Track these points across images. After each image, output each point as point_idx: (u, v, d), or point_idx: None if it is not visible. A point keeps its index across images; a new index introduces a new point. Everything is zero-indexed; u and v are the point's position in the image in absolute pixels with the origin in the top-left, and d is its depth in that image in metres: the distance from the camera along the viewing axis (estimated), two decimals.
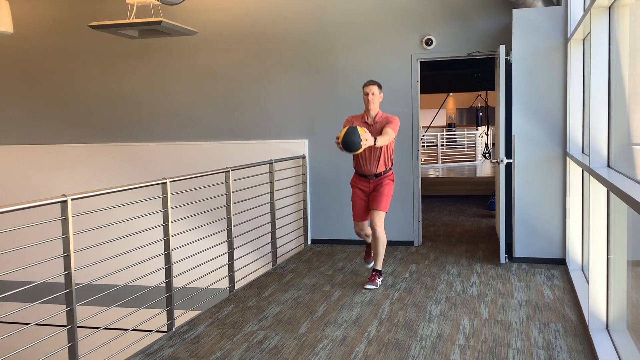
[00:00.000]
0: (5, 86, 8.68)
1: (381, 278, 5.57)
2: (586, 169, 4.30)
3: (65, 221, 3.44)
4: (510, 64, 6.16)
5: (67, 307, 3.48)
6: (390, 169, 5.50)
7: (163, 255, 4.56)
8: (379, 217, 5.34)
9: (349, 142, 4.90)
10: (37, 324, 3.59)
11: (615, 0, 3.75)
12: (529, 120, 6.11)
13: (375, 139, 5.02)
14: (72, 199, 3.47)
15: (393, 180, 5.53)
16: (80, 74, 8.38)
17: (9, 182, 8.54)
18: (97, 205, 4.37)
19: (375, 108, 5.39)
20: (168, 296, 4.56)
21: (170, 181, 4.54)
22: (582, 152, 5.66)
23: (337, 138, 4.98)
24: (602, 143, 4.06)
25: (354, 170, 5.61)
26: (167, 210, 4.51)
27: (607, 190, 3.79)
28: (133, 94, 8.19)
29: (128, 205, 4.51)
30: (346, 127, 4.99)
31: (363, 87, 5.42)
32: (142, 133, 8.17)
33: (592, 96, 4.12)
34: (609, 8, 3.92)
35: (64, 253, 3.48)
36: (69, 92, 8.45)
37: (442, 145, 20.52)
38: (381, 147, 5.31)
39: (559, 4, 6.19)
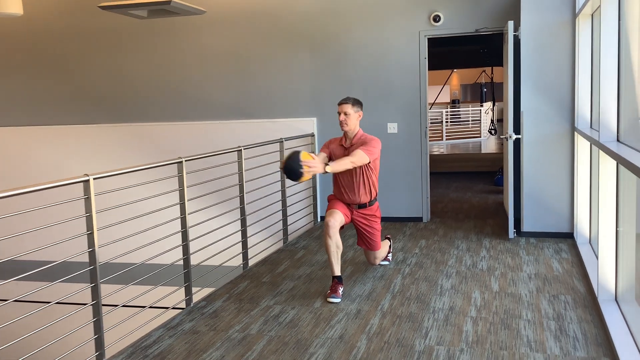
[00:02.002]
0: (16, 67, 8.73)
1: (391, 253, 5.59)
2: (595, 143, 4.37)
3: (88, 200, 3.54)
4: (519, 40, 6.19)
5: (91, 284, 3.59)
6: (375, 199, 4.94)
7: (180, 233, 4.64)
8: (377, 257, 5.12)
9: (287, 170, 4.22)
10: (58, 302, 3.67)
11: None
12: (537, 96, 6.15)
13: (326, 164, 4.41)
14: (94, 179, 3.56)
15: (380, 217, 5.02)
16: (89, 54, 8.42)
17: (20, 163, 8.63)
18: (112, 185, 4.44)
19: (352, 129, 4.77)
20: (186, 272, 4.67)
21: (185, 160, 4.62)
22: (591, 127, 5.71)
23: (281, 163, 4.35)
24: (611, 118, 4.12)
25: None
26: (183, 189, 4.60)
27: (617, 164, 3.85)
28: (142, 74, 8.24)
29: (142, 185, 4.60)
30: (289, 153, 4.30)
31: (338, 106, 4.82)
32: (152, 113, 8.24)
33: (602, 71, 4.16)
34: None
35: (87, 231, 3.58)
36: (79, 73, 8.50)
37: (446, 122, 20.53)
38: (363, 172, 4.74)
39: None
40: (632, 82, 3.86)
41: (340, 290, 4.64)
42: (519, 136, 6.26)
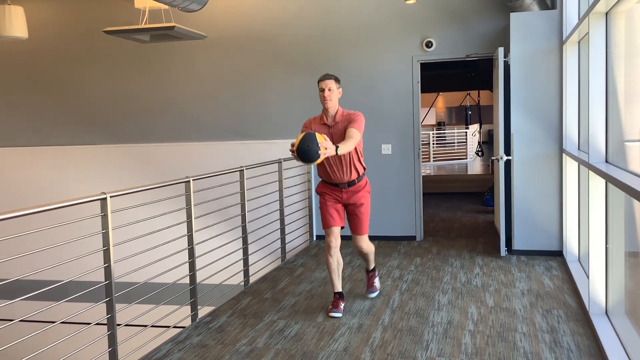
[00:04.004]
0: (19, 89, 8.88)
1: (377, 277, 5.28)
2: (585, 164, 4.60)
3: (105, 217, 3.68)
4: (509, 65, 6.45)
5: (106, 298, 3.71)
6: (363, 174, 4.83)
7: (187, 251, 4.78)
8: (363, 240, 4.90)
9: (305, 152, 4.12)
10: (64, 322, 3.76)
11: (612, 7, 4.04)
12: (527, 119, 6.41)
13: (337, 146, 4.22)
14: (110, 197, 3.70)
15: (369, 192, 4.91)
16: (90, 76, 8.58)
17: (20, 184, 8.71)
18: (119, 204, 4.57)
19: (333, 106, 4.69)
20: (192, 289, 4.79)
21: (192, 180, 4.77)
22: (578, 149, 5.96)
23: (292, 146, 4.19)
24: (600, 140, 4.36)
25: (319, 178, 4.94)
26: (190, 207, 4.75)
27: (606, 183, 4.08)
28: (141, 96, 8.41)
29: (149, 204, 4.73)
30: (302, 134, 4.23)
31: (318, 82, 4.73)
32: (151, 134, 8.39)
33: (590, 96, 4.41)
34: (606, 14, 4.21)
35: (103, 247, 3.71)
36: (80, 95, 8.66)
37: (433, 143, 20.87)
38: (349, 152, 4.60)
39: (554, 7, 6.49)
40: (618, 107, 4.11)
41: (342, 305, 4.79)
42: (510, 157, 6.50)
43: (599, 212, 4.31)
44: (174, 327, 4.80)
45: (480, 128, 16.94)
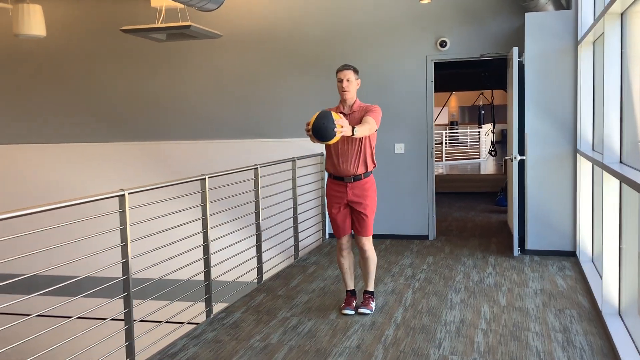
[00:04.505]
0: (37, 87, 9.00)
1: (375, 301, 4.88)
2: (599, 164, 4.60)
3: (123, 213, 3.74)
4: (523, 65, 6.45)
5: (124, 293, 3.77)
6: (371, 172, 4.70)
7: (202, 248, 4.84)
8: (367, 241, 4.69)
9: (320, 129, 4.05)
10: (79, 317, 3.82)
11: (628, 7, 4.04)
12: (541, 119, 6.40)
13: (354, 127, 4.18)
14: (129, 193, 3.76)
15: (375, 192, 4.73)
16: (106, 75, 8.69)
17: (37, 180, 8.83)
18: (137, 201, 4.62)
19: (351, 97, 4.61)
20: (207, 285, 4.85)
21: (208, 177, 4.83)
22: (593, 149, 5.95)
23: (307, 124, 4.14)
24: (614, 141, 4.36)
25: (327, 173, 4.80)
26: (205, 205, 4.81)
27: (620, 183, 4.08)
28: (157, 94, 8.49)
29: (161, 201, 4.77)
30: (317, 112, 4.17)
31: (336, 73, 4.64)
32: (166, 132, 8.47)
33: (605, 96, 4.41)
34: (622, 14, 4.21)
35: (121, 243, 3.78)
36: (96, 93, 8.76)
37: (445, 143, 20.82)
38: (361, 141, 4.53)
39: (569, 7, 6.48)
40: (633, 107, 4.11)
41: (354, 303, 4.83)
42: (524, 157, 6.50)
43: (613, 212, 4.32)
44: (188, 322, 4.86)
45: (493, 128, 16.88)
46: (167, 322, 4.63)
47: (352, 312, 4.74)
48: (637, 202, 3.95)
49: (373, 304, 4.81)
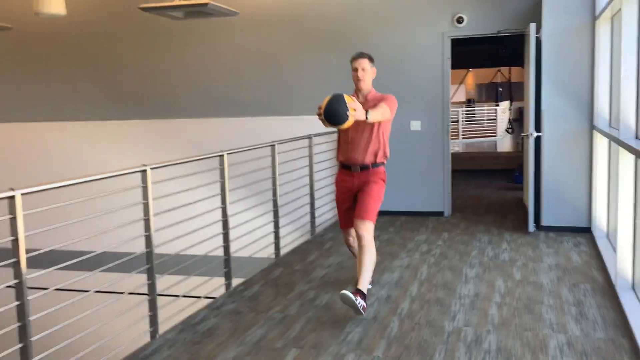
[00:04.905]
0: (58, 65, 9.13)
1: (364, 301, 4.08)
2: (615, 140, 4.61)
3: (145, 188, 3.84)
4: (540, 42, 6.43)
5: (147, 264, 3.89)
6: (382, 163, 4.49)
7: (221, 223, 4.94)
8: (365, 227, 4.28)
9: (333, 113, 3.88)
10: (97, 291, 3.94)
11: None
12: (558, 95, 6.39)
13: (367, 111, 4.00)
14: (151, 169, 3.86)
15: (384, 181, 4.50)
16: (126, 52, 8.79)
17: (58, 157, 8.99)
18: (157, 177, 4.70)
19: (367, 86, 4.46)
20: (226, 259, 4.96)
21: (227, 154, 4.92)
22: (609, 125, 5.94)
23: (319, 108, 3.99)
24: (631, 116, 4.37)
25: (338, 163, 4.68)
26: (224, 181, 4.90)
27: (635, 159, 4.10)
28: (175, 72, 8.58)
29: (180, 177, 4.86)
30: (329, 95, 3.98)
31: (351, 61, 4.47)
32: (183, 109, 8.58)
33: (622, 72, 4.41)
34: None
35: (144, 217, 3.89)
36: (116, 71, 8.88)
37: (462, 121, 20.72)
38: (373, 128, 4.37)
39: None
40: None
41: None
42: (540, 134, 6.51)
43: (628, 187, 4.34)
44: (206, 297, 4.96)
45: (511, 105, 16.78)
46: (184, 296, 4.74)
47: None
48: None
49: (359, 300, 4.04)
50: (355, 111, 3.88)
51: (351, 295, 3.96)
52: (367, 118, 3.98)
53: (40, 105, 9.27)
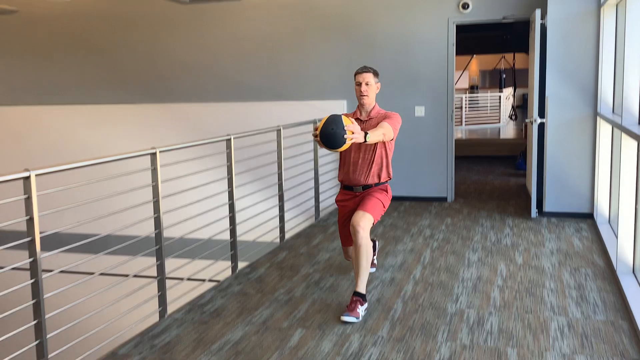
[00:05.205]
0: (64, 49, 9.16)
1: (365, 306, 3.98)
2: (618, 126, 4.66)
3: (154, 171, 3.90)
4: (545, 28, 6.45)
5: (156, 246, 3.96)
6: (385, 182, 4.35)
7: (227, 206, 5.01)
8: (364, 220, 4.02)
9: (329, 135, 3.67)
10: (102, 274, 4.01)
11: None
12: (562, 82, 6.42)
13: (366, 133, 3.78)
14: (160, 151, 3.92)
15: (388, 193, 4.34)
16: (132, 37, 8.81)
17: (65, 140, 9.05)
18: (166, 160, 4.76)
19: (370, 102, 4.27)
20: (232, 242, 5.04)
21: (234, 137, 4.97)
22: (613, 112, 5.98)
23: (315, 129, 3.78)
24: (634, 103, 4.41)
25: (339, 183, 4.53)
26: (231, 164, 4.96)
27: (638, 144, 4.15)
28: (182, 57, 8.61)
29: (187, 160, 4.93)
30: (326, 116, 3.78)
31: (355, 75, 4.27)
32: (190, 94, 8.62)
33: (626, 59, 4.44)
34: None
35: (153, 199, 3.95)
36: (122, 55, 8.91)
37: (465, 107, 20.70)
38: (375, 149, 4.23)
39: None
40: None
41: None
42: (544, 120, 6.55)
43: (631, 173, 4.39)
44: (210, 280, 5.04)
45: (514, 92, 16.77)
46: (189, 279, 4.81)
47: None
48: None
49: (361, 309, 3.93)
50: (353, 133, 3.65)
51: (352, 319, 3.85)
52: (365, 140, 3.75)
53: (47, 89, 9.32)
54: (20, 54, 9.39)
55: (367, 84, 4.23)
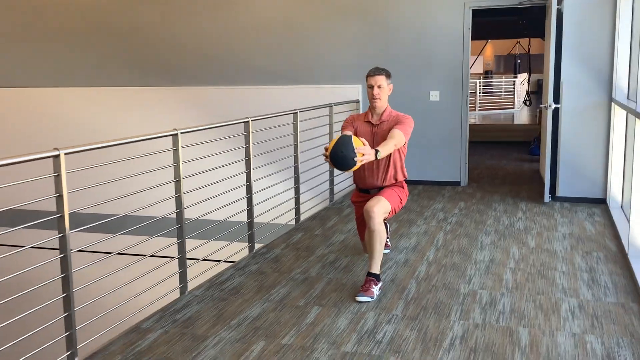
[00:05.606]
0: (84, 32, 9.28)
1: (379, 285, 4.05)
2: (632, 112, 4.69)
3: (176, 152, 4.01)
4: (562, 13, 6.45)
5: (177, 225, 4.08)
6: (401, 182, 4.40)
7: (245, 187, 5.11)
8: (379, 205, 4.03)
9: (339, 159, 3.72)
10: (117, 253, 4.12)
11: None
12: (577, 67, 6.44)
13: (377, 151, 3.81)
14: (181, 133, 4.03)
15: (404, 189, 4.40)
16: (151, 22, 8.90)
17: (83, 123, 9.19)
18: (185, 141, 4.85)
19: (382, 105, 4.26)
20: (249, 222, 5.15)
21: (252, 120, 5.06)
22: (627, 98, 5.99)
23: (326, 150, 3.80)
24: None
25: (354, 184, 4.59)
26: (249, 146, 5.05)
27: None
28: (196, 41, 8.69)
29: (205, 142, 5.01)
30: (336, 137, 3.82)
31: (366, 78, 4.25)
32: (208, 77, 8.71)
33: None
34: None
35: (175, 179, 4.06)
36: (141, 38, 9.02)
37: (479, 92, 20.63)
38: (390, 156, 4.25)
39: None
40: None
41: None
42: (558, 105, 6.58)
43: None
44: (225, 261, 5.15)
45: (529, 77, 16.69)
46: (205, 259, 4.93)
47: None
48: None
49: (375, 289, 3.99)
50: (363, 155, 3.70)
51: (366, 298, 3.92)
52: (376, 158, 3.81)
53: (67, 71, 9.44)
54: (32, 37, 9.52)
55: (379, 87, 4.22)
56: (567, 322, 3.56)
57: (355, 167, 3.78)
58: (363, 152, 3.70)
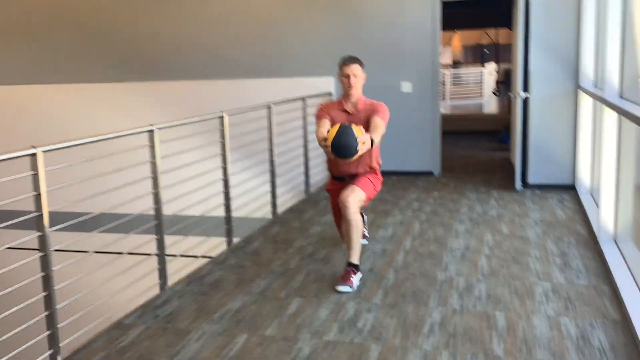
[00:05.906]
0: (56, 28, 9.13)
1: (359, 275, 4.11)
2: (599, 99, 4.82)
3: (152, 148, 4.00)
4: (529, 3, 6.57)
5: (155, 221, 4.07)
6: (374, 168, 4.43)
7: (222, 182, 5.12)
8: (353, 194, 4.07)
9: (342, 147, 3.71)
10: (95, 252, 4.11)
11: None
12: (545, 57, 6.58)
13: (372, 140, 3.87)
14: (157, 129, 4.02)
15: (378, 175, 4.45)
16: (121, 15, 8.80)
17: (57, 120, 9.04)
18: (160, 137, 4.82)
19: (357, 93, 4.26)
20: (227, 217, 5.16)
21: (226, 115, 5.06)
22: (594, 86, 6.14)
23: (325, 140, 3.79)
24: (614, 76, 4.56)
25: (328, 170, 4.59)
26: (224, 141, 5.06)
27: (619, 117, 4.32)
28: (170, 35, 8.62)
29: (179, 138, 4.99)
30: (337, 126, 3.82)
31: (340, 66, 4.23)
32: (179, 71, 8.64)
33: (607, 32, 4.59)
34: None
35: (152, 175, 4.05)
36: (112, 33, 8.89)
37: (449, 83, 20.85)
38: None
39: None
40: (634, 44, 4.30)
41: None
42: (528, 94, 6.71)
43: (611, 144, 4.56)
44: (203, 256, 5.16)
45: (497, 67, 16.93)
46: (183, 255, 4.92)
47: (366, 242, 4.89)
48: (634, 135, 4.20)
49: (355, 279, 4.04)
50: (364, 144, 3.74)
51: (346, 288, 3.97)
52: (372, 146, 3.86)
53: (38, 68, 9.28)
54: (11, 33, 9.34)
55: (355, 76, 4.21)
56: (541, 306, 3.66)
57: (356, 156, 3.79)
58: (364, 141, 3.74)
